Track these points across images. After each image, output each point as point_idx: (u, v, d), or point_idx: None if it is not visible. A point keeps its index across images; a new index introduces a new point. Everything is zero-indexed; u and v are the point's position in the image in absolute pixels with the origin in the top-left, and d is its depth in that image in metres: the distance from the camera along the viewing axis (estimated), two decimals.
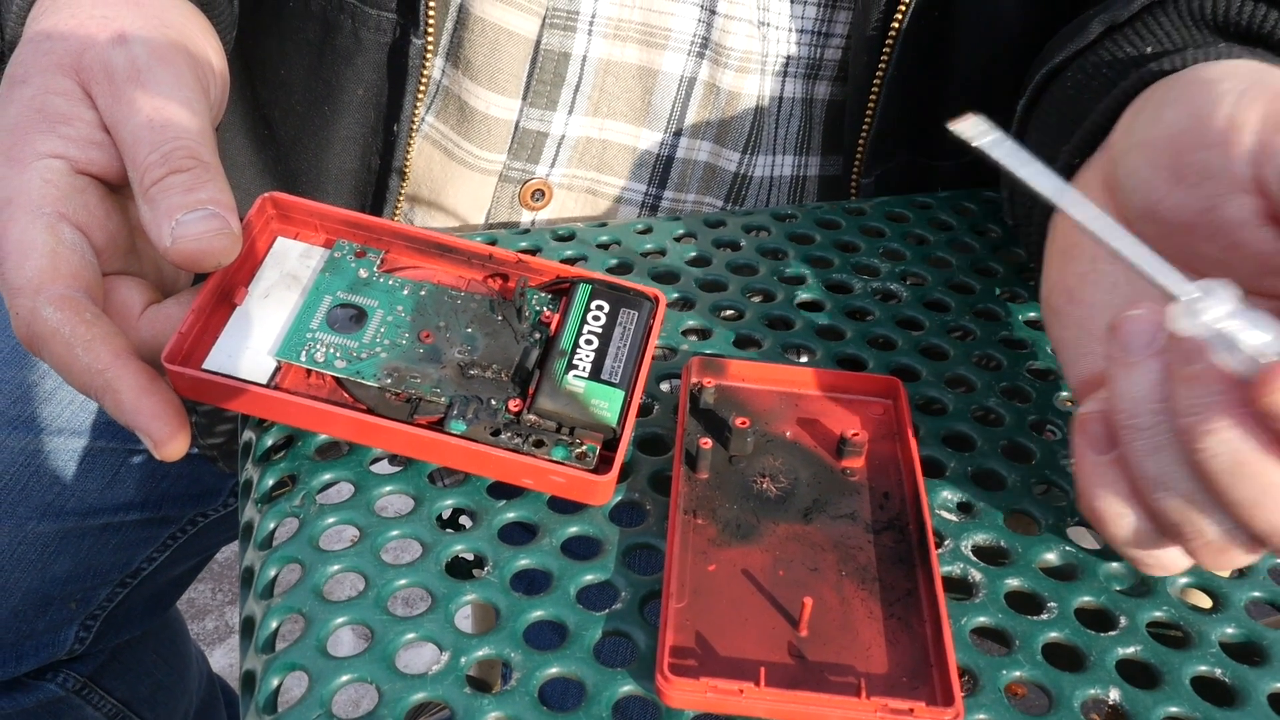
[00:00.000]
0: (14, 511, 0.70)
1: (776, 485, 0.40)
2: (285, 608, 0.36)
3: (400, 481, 0.40)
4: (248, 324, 0.41)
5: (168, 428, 0.38)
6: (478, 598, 0.36)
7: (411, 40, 0.58)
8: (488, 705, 0.33)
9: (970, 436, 0.44)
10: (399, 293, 0.43)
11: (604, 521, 0.39)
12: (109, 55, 0.41)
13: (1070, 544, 0.39)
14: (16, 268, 0.38)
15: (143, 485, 0.75)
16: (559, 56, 0.60)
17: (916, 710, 0.32)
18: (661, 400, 0.45)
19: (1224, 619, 0.37)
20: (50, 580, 0.72)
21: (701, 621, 0.35)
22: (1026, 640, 0.36)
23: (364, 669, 0.34)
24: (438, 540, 0.38)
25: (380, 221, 0.44)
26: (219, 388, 0.39)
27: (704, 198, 0.65)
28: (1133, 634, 0.36)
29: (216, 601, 1.53)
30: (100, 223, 0.40)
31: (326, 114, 0.62)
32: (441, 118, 0.63)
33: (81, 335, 0.37)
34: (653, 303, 0.44)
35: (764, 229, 0.56)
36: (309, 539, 0.38)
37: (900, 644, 0.35)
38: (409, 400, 0.40)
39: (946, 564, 0.38)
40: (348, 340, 0.41)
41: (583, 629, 0.35)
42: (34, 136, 0.40)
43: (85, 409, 0.72)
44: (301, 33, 0.61)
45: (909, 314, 0.51)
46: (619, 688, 0.34)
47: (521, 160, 0.63)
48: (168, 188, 0.39)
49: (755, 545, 0.38)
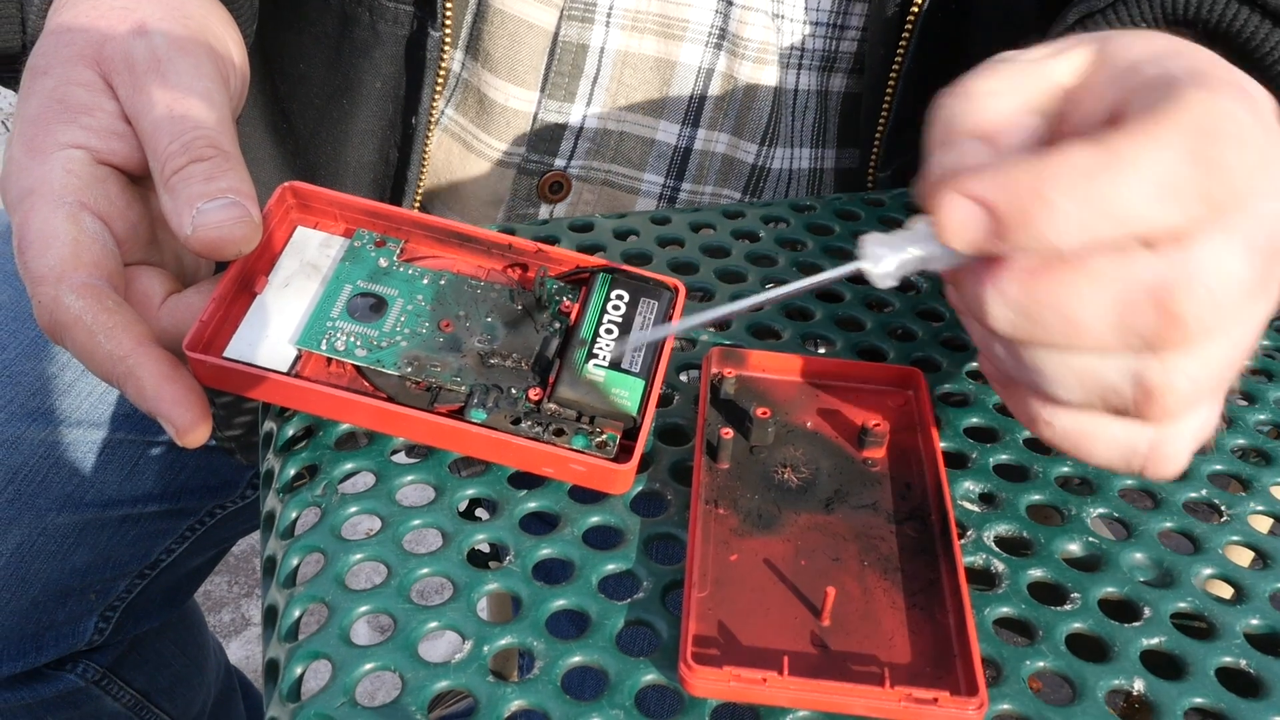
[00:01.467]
0: (34, 503, 0.70)
1: (798, 475, 0.40)
2: (308, 596, 0.36)
3: (421, 471, 0.40)
4: (268, 313, 0.41)
5: (190, 414, 0.38)
6: (499, 587, 0.36)
7: (429, 33, 0.58)
8: (511, 694, 0.33)
9: (991, 428, 0.44)
10: (419, 282, 0.43)
11: (625, 511, 0.39)
12: (130, 46, 0.41)
13: (1093, 535, 0.39)
14: (39, 256, 0.38)
15: (161, 477, 0.76)
16: (577, 48, 0.60)
17: (941, 700, 0.32)
18: (682, 390, 0.44)
19: (1248, 610, 0.37)
20: (69, 571, 0.73)
21: (724, 611, 0.35)
22: (1050, 631, 0.36)
23: (387, 658, 0.34)
24: (459, 530, 0.38)
25: (400, 211, 0.44)
26: (240, 376, 0.39)
27: (722, 190, 0.65)
28: (1157, 624, 0.36)
29: (233, 594, 1.54)
30: (121, 212, 0.40)
31: (345, 107, 0.62)
32: (460, 110, 0.63)
33: (104, 323, 0.37)
34: (673, 292, 0.44)
35: (783, 220, 0.56)
36: (331, 528, 0.38)
37: (923, 634, 0.35)
38: (429, 389, 0.40)
39: (969, 554, 0.38)
40: (368, 329, 0.41)
41: (604, 618, 0.35)
42: (56, 127, 0.40)
43: (104, 401, 0.73)
44: (319, 26, 0.61)
45: (929, 305, 0.51)
46: (641, 676, 0.34)
47: (539, 152, 0.63)
48: (188, 176, 0.39)
49: (777, 535, 0.38)
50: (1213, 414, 0.33)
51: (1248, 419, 0.45)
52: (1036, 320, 0.30)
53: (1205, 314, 0.29)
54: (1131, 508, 0.40)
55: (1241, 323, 0.30)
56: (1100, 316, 0.29)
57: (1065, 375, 0.31)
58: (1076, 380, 0.31)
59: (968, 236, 0.30)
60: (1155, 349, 0.30)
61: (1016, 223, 0.29)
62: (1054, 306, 0.30)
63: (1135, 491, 0.41)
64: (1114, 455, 0.33)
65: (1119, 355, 0.30)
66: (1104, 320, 0.29)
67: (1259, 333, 0.31)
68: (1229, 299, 0.29)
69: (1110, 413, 0.32)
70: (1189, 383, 0.30)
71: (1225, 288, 0.29)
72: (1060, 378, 0.32)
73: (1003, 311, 0.30)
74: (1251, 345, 0.31)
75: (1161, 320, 0.29)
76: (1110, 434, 0.33)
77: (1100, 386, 0.31)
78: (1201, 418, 0.33)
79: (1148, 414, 0.31)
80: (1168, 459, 0.33)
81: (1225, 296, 0.29)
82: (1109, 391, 0.31)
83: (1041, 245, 0.29)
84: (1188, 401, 0.31)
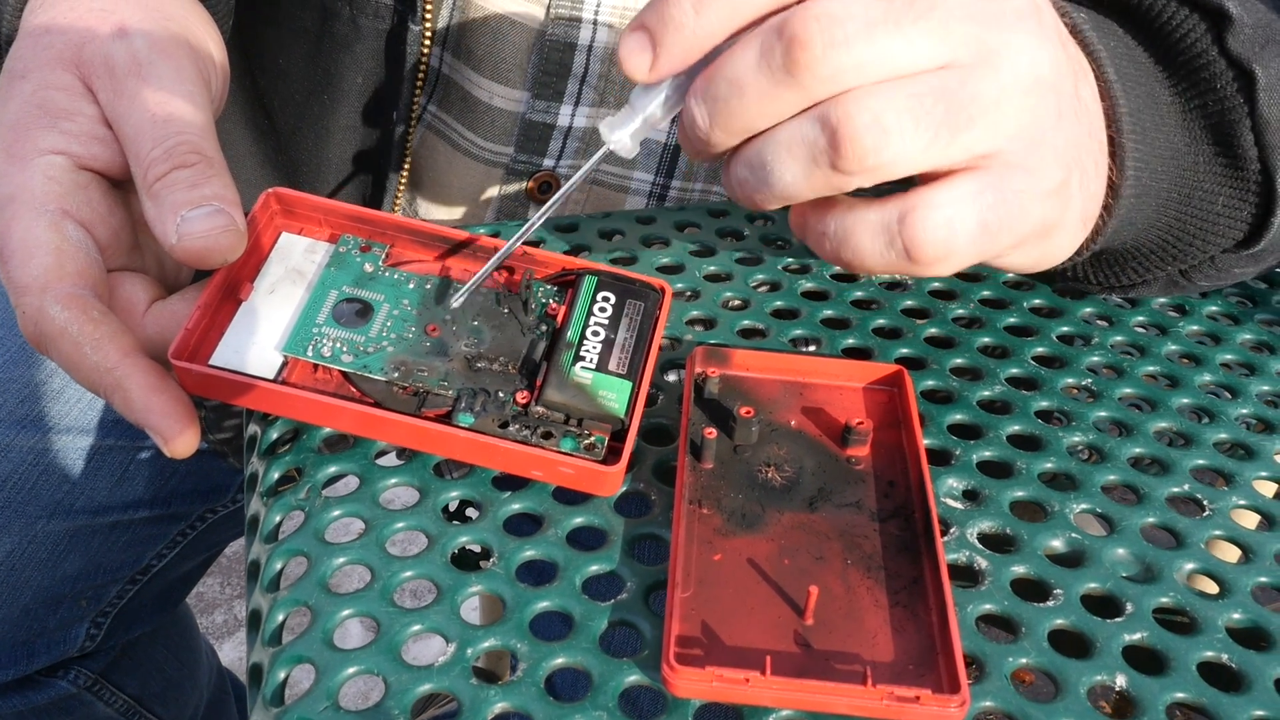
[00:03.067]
0: (24, 510, 0.70)
1: (781, 474, 0.40)
2: (292, 600, 0.36)
3: (406, 474, 0.40)
4: (254, 320, 0.41)
5: (178, 425, 0.38)
6: (484, 589, 0.36)
7: (409, 27, 0.57)
8: (495, 696, 0.33)
9: (975, 425, 0.44)
10: (405, 286, 0.43)
11: (609, 512, 0.39)
12: (109, 49, 0.41)
13: (1076, 531, 0.39)
14: (21, 266, 0.38)
15: (151, 482, 0.75)
16: (564, 47, 0.59)
17: (923, 698, 0.32)
18: (666, 390, 0.45)
19: (1230, 604, 0.37)
20: (60, 578, 0.73)
21: (707, 611, 0.35)
22: (1033, 627, 0.36)
23: (371, 661, 0.34)
24: (443, 532, 0.38)
25: (385, 216, 0.44)
26: (226, 383, 0.39)
27: (712, 186, 0.65)
28: (1139, 620, 0.36)
29: (225, 596, 1.54)
30: (103, 219, 0.40)
31: (326, 102, 0.62)
32: (444, 106, 0.63)
33: (89, 334, 0.37)
34: (659, 293, 0.44)
35: (768, 218, 0.56)
36: (315, 532, 0.38)
37: (906, 632, 0.35)
38: (416, 393, 0.40)
39: (952, 551, 0.38)
40: (354, 334, 0.41)
41: (589, 619, 0.35)
42: (35, 132, 0.40)
43: (93, 407, 0.73)
44: (299, 20, 0.61)
45: (915, 303, 0.51)
46: (625, 677, 0.34)
47: (528, 153, 0.63)
48: (172, 184, 0.39)
49: (760, 534, 0.38)
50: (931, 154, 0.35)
51: (1230, 412, 0.45)
52: (716, 97, 0.35)
53: (818, 31, 0.33)
54: (1114, 503, 0.41)
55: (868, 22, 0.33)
56: (748, 63, 0.34)
57: (774, 152, 0.35)
58: (785, 150, 0.35)
59: (637, 61, 0.36)
60: (793, 74, 0.33)
61: (660, 27, 0.35)
62: (719, 76, 0.34)
63: (1119, 487, 0.42)
64: (879, 243, 0.36)
65: (787, 103, 0.34)
66: (750, 64, 0.34)
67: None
68: (843, 14, 0.33)
69: (830, 169, 0.35)
70: (832, 81, 0.33)
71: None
72: (773, 155, 0.35)
73: (700, 110, 0.35)
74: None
75: (786, 44, 0.33)
76: (867, 218, 0.36)
77: (802, 144, 0.35)
78: (960, 193, 0.35)
79: (839, 127, 0.33)
80: (918, 224, 0.35)
81: (841, 10, 0.33)
82: (810, 147, 0.34)
83: (684, 37, 0.35)
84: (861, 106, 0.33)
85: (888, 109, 0.33)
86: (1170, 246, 0.44)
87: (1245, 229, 0.44)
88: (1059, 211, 0.38)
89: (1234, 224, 0.43)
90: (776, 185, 0.36)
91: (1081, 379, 0.47)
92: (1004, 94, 0.34)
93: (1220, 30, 0.41)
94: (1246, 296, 0.54)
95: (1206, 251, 0.44)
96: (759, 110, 0.35)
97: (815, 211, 0.38)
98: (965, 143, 0.34)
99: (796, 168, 0.35)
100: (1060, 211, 0.38)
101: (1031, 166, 0.36)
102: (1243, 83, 0.41)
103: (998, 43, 0.34)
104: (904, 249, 0.35)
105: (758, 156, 0.36)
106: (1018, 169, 0.36)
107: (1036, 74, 0.35)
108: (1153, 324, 0.51)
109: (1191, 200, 0.43)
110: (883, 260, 0.36)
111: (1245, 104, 0.41)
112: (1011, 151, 0.35)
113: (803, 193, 0.36)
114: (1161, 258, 0.44)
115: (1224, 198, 0.43)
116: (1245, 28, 0.41)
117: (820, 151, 0.34)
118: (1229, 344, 0.50)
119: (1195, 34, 0.41)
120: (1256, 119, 0.41)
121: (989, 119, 0.34)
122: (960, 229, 0.35)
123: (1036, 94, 0.35)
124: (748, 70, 0.34)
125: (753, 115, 0.35)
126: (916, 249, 0.35)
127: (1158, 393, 0.46)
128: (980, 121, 0.34)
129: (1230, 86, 0.41)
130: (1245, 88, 0.41)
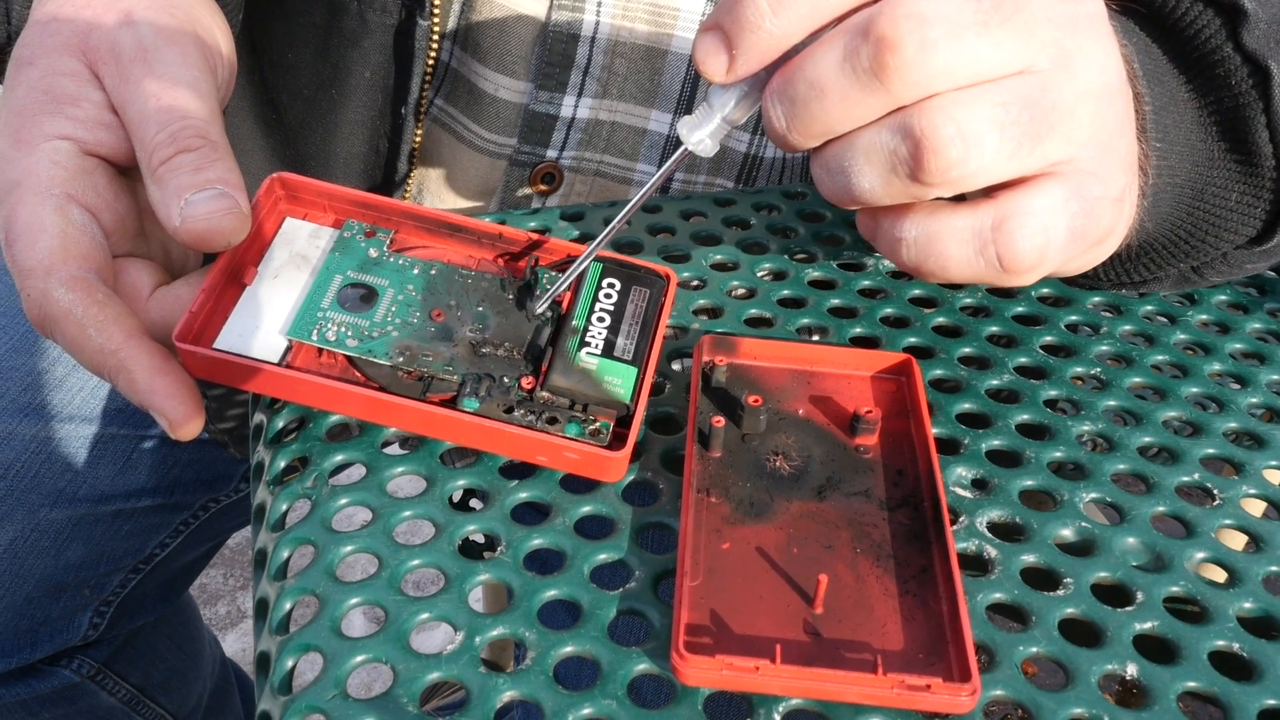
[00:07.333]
0: (26, 499, 0.70)
1: (790, 463, 0.40)
2: (299, 589, 0.36)
3: (412, 462, 0.40)
4: (258, 304, 0.41)
5: (183, 407, 0.38)
6: (491, 578, 0.36)
7: (418, 22, 0.57)
8: (503, 684, 0.33)
9: (985, 413, 0.44)
10: (409, 272, 0.43)
11: (617, 501, 0.39)
12: (116, 36, 0.41)
13: (1086, 520, 0.39)
14: (27, 250, 0.38)
15: (155, 471, 0.75)
16: (567, 38, 0.59)
17: (934, 686, 0.32)
18: (673, 379, 0.44)
19: (1241, 593, 0.37)
20: (64, 567, 0.72)
21: (716, 599, 0.35)
22: (1043, 616, 0.36)
23: (378, 650, 0.34)
24: (450, 521, 0.38)
25: (389, 201, 0.44)
26: (230, 367, 0.38)
27: (715, 179, 0.65)
28: (1150, 609, 0.36)
29: (228, 587, 1.54)
30: (109, 204, 0.40)
31: (334, 97, 0.62)
32: (450, 100, 0.63)
33: (94, 316, 0.37)
34: (664, 280, 0.44)
35: (774, 207, 0.56)
36: (321, 520, 0.38)
37: (916, 621, 0.35)
38: (421, 378, 0.40)
39: (962, 540, 0.38)
40: (359, 319, 0.41)
41: (597, 608, 0.35)
42: (42, 118, 0.40)
43: (96, 395, 0.73)
44: (308, 15, 0.61)
45: (923, 292, 0.50)
46: (634, 666, 0.33)
47: (531, 144, 0.62)
48: (176, 167, 0.38)
49: (769, 523, 0.37)
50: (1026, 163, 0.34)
51: (1240, 402, 0.45)
52: (794, 99, 0.34)
53: (908, 32, 0.31)
54: (1124, 492, 0.40)
55: (959, 28, 0.32)
56: (830, 64, 0.33)
57: (851, 158, 0.34)
58: (863, 157, 0.34)
59: (714, 63, 0.35)
60: (880, 78, 0.32)
61: (735, 28, 0.34)
62: (798, 77, 0.33)
63: (1128, 476, 0.41)
64: (968, 251, 0.35)
65: (869, 107, 0.33)
66: (832, 65, 0.33)
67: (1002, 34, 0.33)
68: (934, 15, 0.32)
69: (909, 179, 0.34)
70: (928, 80, 0.32)
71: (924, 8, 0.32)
72: (852, 162, 0.34)
73: (776, 110, 0.34)
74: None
75: (874, 46, 0.32)
76: (955, 225, 0.35)
77: (881, 153, 0.34)
78: (1051, 200, 0.35)
79: (923, 139, 0.33)
80: (1014, 233, 0.34)
81: (931, 10, 0.32)
82: (891, 156, 0.34)
83: (761, 38, 0.34)
84: (945, 114, 0.33)
85: (972, 120, 0.32)
86: (1183, 243, 0.44)
87: (1259, 225, 0.43)
88: (1119, 217, 0.37)
89: (1248, 220, 0.43)
90: (854, 190, 0.35)
91: (1090, 368, 0.47)
92: (1079, 100, 0.34)
93: (1235, 26, 0.40)
94: (1255, 286, 0.53)
95: (1219, 248, 0.44)
96: (840, 114, 0.34)
97: (890, 216, 0.37)
98: (1044, 151, 0.34)
99: (875, 176, 0.34)
100: (1120, 217, 0.38)
101: (1102, 173, 0.35)
102: (1258, 78, 0.40)
103: (1073, 47, 0.34)
104: (997, 257, 0.35)
105: (836, 161, 0.35)
106: (1090, 176, 0.35)
107: (1106, 80, 0.35)
108: (1161, 313, 0.51)
109: (1205, 197, 0.42)
110: (970, 269, 0.35)
111: (1260, 100, 0.41)
112: (1084, 158, 0.35)
113: (880, 200, 0.35)
114: (1174, 255, 0.44)
115: (1237, 194, 0.43)
116: (1260, 23, 0.40)
117: (901, 161, 0.33)
118: (1238, 333, 0.50)
119: (1210, 29, 0.41)
120: (1271, 115, 0.41)
121: (1066, 126, 0.34)
122: (1054, 237, 0.35)
123: (1107, 100, 0.35)
124: (829, 72, 0.33)
125: (833, 119, 0.34)
126: (1011, 258, 0.34)
127: (1166, 382, 0.46)
128: (1059, 129, 0.34)
129: (1245, 82, 0.41)
130: (1260, 83, 0.40)
